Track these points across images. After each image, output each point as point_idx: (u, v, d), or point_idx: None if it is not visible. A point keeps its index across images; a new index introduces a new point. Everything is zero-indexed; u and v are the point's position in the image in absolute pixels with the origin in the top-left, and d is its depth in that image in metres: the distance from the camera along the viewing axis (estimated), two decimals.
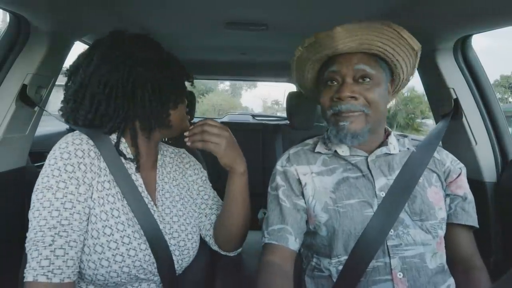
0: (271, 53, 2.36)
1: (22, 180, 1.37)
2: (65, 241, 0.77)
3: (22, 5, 1.07)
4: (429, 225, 0.93)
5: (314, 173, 1.00)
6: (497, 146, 1.33)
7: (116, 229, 0.83)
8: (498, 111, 1.33)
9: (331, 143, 1.03)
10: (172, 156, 1.07)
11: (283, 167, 1.03)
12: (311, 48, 0.95)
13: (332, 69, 0.94)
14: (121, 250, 0.83)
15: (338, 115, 0.93)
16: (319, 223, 0.95)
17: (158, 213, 0.93)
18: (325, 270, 0.96)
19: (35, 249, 0.76)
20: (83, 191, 0.81)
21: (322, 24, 0.97)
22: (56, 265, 0.75)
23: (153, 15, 1.46)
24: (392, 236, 0.91)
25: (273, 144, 2.65)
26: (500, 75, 26.03)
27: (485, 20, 1.07)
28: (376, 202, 0.94)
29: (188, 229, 0.97)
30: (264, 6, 1.31)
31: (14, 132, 1.25)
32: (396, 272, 0.90)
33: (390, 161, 0.99)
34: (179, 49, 2.21)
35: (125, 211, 0.86)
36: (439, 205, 0.96)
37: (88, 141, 0.85)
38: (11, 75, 1.18)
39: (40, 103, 1.30)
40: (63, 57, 1.37)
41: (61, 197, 0.79)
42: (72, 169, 0.80)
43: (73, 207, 0.80)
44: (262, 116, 4.82)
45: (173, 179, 1.02)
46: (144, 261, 0.86)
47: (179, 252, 0.94)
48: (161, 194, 0.97)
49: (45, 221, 0.77)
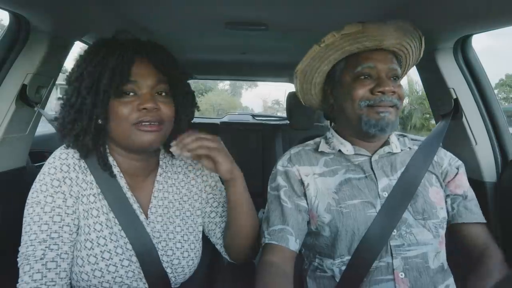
0: (271, 53, 2.36)
1: (22, 180, 1.37)
2: (56, 254, 0.78)
3: (22, 5, 1.07)
4: (431, 224, 0.93)
5: (317, 174, 1.00)
6: (497, 146, 1.33)
7: (96, 244, 0.82)
8: (498, 111, 1.33)
9: (333, 142, 1.03)
10: (182, 163, 1.00)
11: (285, 167, 1.03)
12: (349, 37, 0.94)
13: (369, 65, 0.96)
14: (100, 266, 0.81)
15: (375, 107, 0.94)
16: (322, 224, 0.95)
17: (150, 227, 0.89)
18: (328, 270, 0.96)
19: (27, 263, 0.77)
20: (71, 204, 0.82)
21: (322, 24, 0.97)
22: (48, 277, 0.76)
23: (153, 15, 1.46)
24: (395, 236, 0.92)
25: (273, 144, 2.65)
26: (506, 74, 25.92)
27: (485, 20, 1.07)
28: (379, 202, 0.94)
29: (184, 246, 0.92)
30: (264, 6, 1.31)
31: (14, 132, 1.25)
32: (398, 272, 0.90)
33: (392, 161, 1.00)
34: (179, 49, 2.21)
35: (110, 225, 0.84)
36: (440, 204, 0.97)
37: (74, 155, 0.85)
38: (11, 75, 1.18)
39: (40, 103, 1.30)
40: (63, 57, 1.37)
41: (49, 211, 0.80)
42: (58, 184, 0.81)
43: (62, 220, 0.80)
44: (262, 116, 4.81)
45: (176, 190, 0.96)
46: (127, 278, 0.83)
47: (172, 270, 0.90)
48: (157, 208, 0.91)
49: (35, 235, 0.78)
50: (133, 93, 0.82)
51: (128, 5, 1.31)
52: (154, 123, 0.81)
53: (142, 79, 0.82)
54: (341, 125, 1.06)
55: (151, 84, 0.83)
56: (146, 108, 0.80)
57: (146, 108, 0.80)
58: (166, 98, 0.85)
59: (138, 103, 0.81)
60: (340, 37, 0.93)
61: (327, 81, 1.05)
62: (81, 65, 0.83)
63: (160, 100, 0.83)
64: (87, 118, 0.80)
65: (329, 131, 1.08)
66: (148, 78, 0.83)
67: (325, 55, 0.98)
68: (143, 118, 0.80)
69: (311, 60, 0.99)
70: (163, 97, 0.84)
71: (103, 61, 0.80)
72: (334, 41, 0.94)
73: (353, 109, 0.96)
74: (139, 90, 0.82)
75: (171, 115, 0.85)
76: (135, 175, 0.91)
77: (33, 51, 1.19)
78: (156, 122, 0.82)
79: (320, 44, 0.95)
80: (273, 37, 1.76)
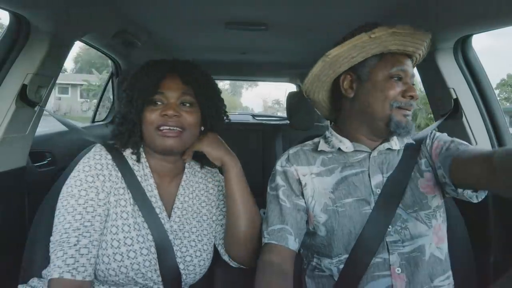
0: (271, 53, 2.36)
1: (22, 180, 1.37)
2: (89, 241, 0.86)
3: (22, 5, 1.07)
4: (423, 215, 0.95)
5: (314, 174, 1.00)
6: (497, 146, 1.32)
7: (121, 230, 0.91)
8: (498, 111, 1.33)
9: (333, 141, 1.03)
10: (202, 175, 1.10)
11: (283, 167, 1.04)
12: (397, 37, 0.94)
13: (402, 68, 0.97)
14: (121, 250, 0.89)
15: (402, 109, 0.96)
16: (318, 223, 0.96)
17: (170, 224, 0.98)
18: (326, 269, 0.96)
19: (60, 249, 0.84)
20: (103, 197, 0.91)
21: (322, 24, 0.97)
22: (80, 262, 0.83)
23: (153, 15, 1.46)
24: (390, 232, 0.93)
25: (273, 144, 2.65)
26: (507, 74, 25.72)
27: (485, 20, 1.07)
28: (373, 199, 0.95)
29: (198, 245, 0.99)
30: (264, 6, 1.31)
31: (14, 132, 1.25)
32: (394, 268, 0.91)
33: (390, 159, 1.01)
34: (179, 49, 2.21)
35: (134, 215, 0.94)
36: (432, 193, 0.98)
37: (107, 156, 0.96)
38: (11, 75, 1.18)
39: (41, 103, 1.30)
40: (63, 57, 1.37)
41: (83, 203, 0.89)
42: (92, 180, 0.91)
43: (94, 211, 0.89)
44: (262, 116, 4.82)
45: (196, 197, 1.06)
46: (144, 266, 0.90)
47: (184, 266, 0.96)
48: (178, 208, 1.01)
49: (69, 224, 0.86)
50: (161, 102, 0.96)
51: (128, 5, 1.31)
52: (174, 129, 0.94)
53: (169, 91, 0.96)
54: (348, 121, 1.04)
55: (177, 95, 0.96)
56: (167, 115, 0.93)
57: (167, 115, 0.93)
58: (190, 108, 0.98)
59: (161, 111, 0.94)
60: (389, 34, 0.93)
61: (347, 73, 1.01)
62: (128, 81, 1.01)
63: (184, 110, 0.96)
64: (131, 123, 0.96)
65: (328, 131, 1.08)
66: (175, 90, 0.96)
67: (367, 47, 0.95)
68: (164, 123, 0.93)
69: (351, 48, 0.96)
70: (187, 107, 0.97)
71: (139, 77, 0.98)
72: (382, 35, 0.93)
73: (383, 107, 0.96)
74: (166, 100, 0.96)
75: (192, 123, 0.97)
76: (162, 175, 1.02)
77: (33, 51, 1.20)
78: (176, 128, 0.94)
79: (371, 34, 0.93)
80: (273, 37, 1.76)
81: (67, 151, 1.68)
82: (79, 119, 12.01)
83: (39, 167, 1.59)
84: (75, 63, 26.35)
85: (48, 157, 1.68)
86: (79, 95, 22.64)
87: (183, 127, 0.95)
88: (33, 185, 1.42)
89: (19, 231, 1.33)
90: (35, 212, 1.13)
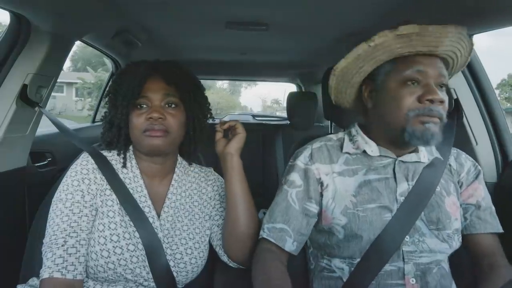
0: (271, 53, 2.36)
1: (22, 180, 1.37)
2: (76, 240, 0.89)
3: (23, 5, 1.07)
4: (445, 235, 0.92)
5: (336, 173, 0.97)
6: (498, 146, 1.33)
7: (108, 227, 0.94)
8: (499, 111, 1.33)
9: (358, 141, 0.99)
10: (196, 174, 1.10)
11: (305, 165, 0.99)
12: (402, 39, 0.86)
13: (418, 68, 0.88)
14: (108, 246, 0.92)
15: (423, 116, 0.87)
16: (337, 226, 0.93)
17: (159, 222, 0.98)
18: (337, 269, 0.94)
19: (50, 251, 0.87)
20: (89, 199, 0.94)
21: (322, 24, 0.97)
22: (69, 262, 0.86)
23: (154, 15, 1.46)
24: (407, 242, 0.90)
25: (273, 144, 2.65)
26: (508, 74, 25.61)
27: (485, 20, 1.07)
28: (396, 206, 0.92)
29: (189, 243, 1.00)
30: (264, 5, 1.31)
31: (15, 132, 1.25)
32: (409, 278, 0.89)
33: (416, 167, 0.96)
34: (180, 49, 2.21)
35: (121, 214, 0.96)
36: (455, 215, 0.94)
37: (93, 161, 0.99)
38: (12, 75, 1.18)
39: (41, 103, 1.30)
40: (64, 57, 1.37)
41: (70, 206, 0.92)
42: (78, 183, 0.95)
43: (81, 211, 0.92)
44: (262, 116, 4.82)
45: (189, 196, 1.06)
46: (131, 262, 0.92)
47: (174, 264, 0.96)
48: (169, 207, 1.02)
49: (57, 226, 0.90)
50: (146, 105, 0.96)
51: (128, 5, 1.31)
52: (159, 130, 0.94)
53: (152, 93, 0.96)
54: (374, 127, 0.99)
55: (160, 97, 0.96)
56: (152, 118, 0.93)
57: (152, 118, 0.93)
58: (175, 110, 0.97)
59: (146, 114, 0.94)
60: (392, 38, 0.86)
61: (366, 82, 0.97)
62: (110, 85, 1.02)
63: (168, 111, 0.96)
64: (117, 128, 0.98)
65: (354, 127, 1.03)
66: (158, 92, 0.96)
67: (372, 55, 0.90)
68: (150, 126, 0.94)
69: (355, 59, 0.92)
70: (172, 108, 0.97)
71: (122, 81, 0.98)
72: (384, 41, 0.87)
73: (397, 118, 0.89)
74: (150, 102, 0.96)
75: (177, 124, 0.97)
76: (152, 176, 1.03)
77: (34, 51, 1.19)
78: (161, 129, 0.94)
79: (370, 43, 0.87)
80: (273, 37, 1.76)
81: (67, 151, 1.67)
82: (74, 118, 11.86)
83: (39, 167, 1.59)
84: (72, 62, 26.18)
85: (48, 157, 1.68)
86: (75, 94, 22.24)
87: (168, 130, 0.95)
88: (33, 185, 1.42)
89: (19, 231, 1.33)
90: (35, 212, 1.14)
